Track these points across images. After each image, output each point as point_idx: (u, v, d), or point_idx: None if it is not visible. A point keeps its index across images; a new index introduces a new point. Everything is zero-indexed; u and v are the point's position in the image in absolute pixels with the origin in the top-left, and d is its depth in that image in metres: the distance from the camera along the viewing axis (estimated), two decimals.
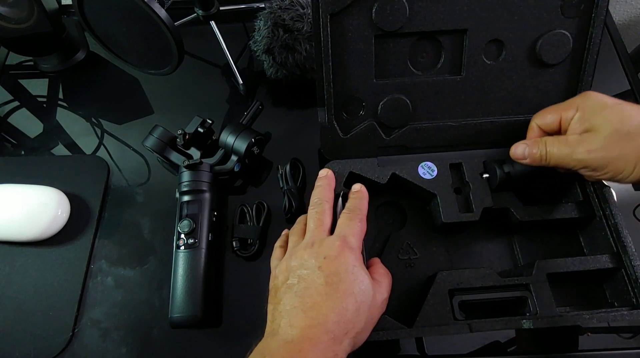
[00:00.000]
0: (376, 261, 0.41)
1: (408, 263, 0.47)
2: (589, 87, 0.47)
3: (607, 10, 0.44)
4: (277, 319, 0.33)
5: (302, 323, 0.32)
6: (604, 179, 0.38)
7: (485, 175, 0.45)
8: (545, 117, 0.41)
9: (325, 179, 0.43)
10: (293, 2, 0.54)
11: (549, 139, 0.40)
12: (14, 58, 0.67)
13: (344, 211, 0.40)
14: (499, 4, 0.43)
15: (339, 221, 0.39)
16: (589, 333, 0.44)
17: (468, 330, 0.39)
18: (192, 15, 0.63)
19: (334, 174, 0.45)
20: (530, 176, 0.43)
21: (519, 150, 0.42)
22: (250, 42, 0.59)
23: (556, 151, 0.39)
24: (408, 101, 0.47)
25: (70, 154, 0.59)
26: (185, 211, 0.48)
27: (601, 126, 0.36)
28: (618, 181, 0.37)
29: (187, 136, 0.52)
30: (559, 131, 0.41)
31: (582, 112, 0.38)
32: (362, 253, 0.38)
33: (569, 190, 0.49)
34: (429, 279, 0.44)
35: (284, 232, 0.44)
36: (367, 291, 0.34)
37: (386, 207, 0.50)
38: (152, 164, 0.57)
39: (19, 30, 0.57)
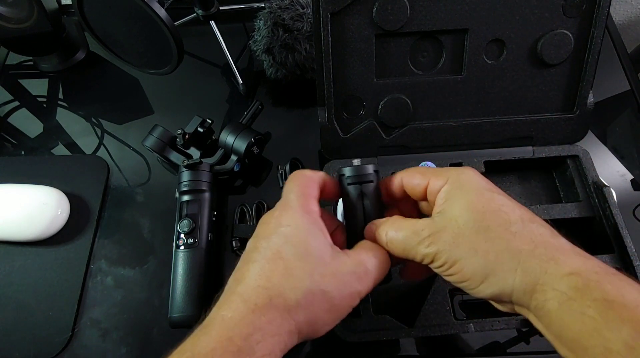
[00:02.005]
0: (369, 242, 0.33)
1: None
2: (590, 88, 0.47)
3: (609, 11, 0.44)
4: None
5: (225, 297, 0.27)
6: (450, 281, 0.28)
7: None
8: (413, 177, 0.32)
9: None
10: (293, 2, 0.54)
11: (394, 219, 0.31)
12: (14, 58, 0.67)
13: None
14: (500, 4, 0.43)
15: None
16: None
17: (468, 330, 0.39)
18: (192, 15, 0.63)
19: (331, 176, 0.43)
20: None
21: (367, 230, 0.32)
22: (250, 42, 0.59)
23: (399, 237, 0.29)
24: (408, 101, 0.47)
25: (70, 154, 0.59)
26: (185, 211, 0.48)
27: (459, 211, 0.28)
28: (464, 289, 0.28)
29: (186, 136, 0.52)
30: (424, 199, 0.32)
31: (449, 187, 0.29)
32: (310, 210, 0.30)
33: (569, 190, 0.49)
34: (429, 279, 0.44)
35: None
36: (305, 253, 0.28)
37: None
38: (152, 164, 0.57)
39: (19, 30, 0.57)
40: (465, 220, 0.27)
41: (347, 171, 0.33)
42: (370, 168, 0.33)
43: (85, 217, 0.52)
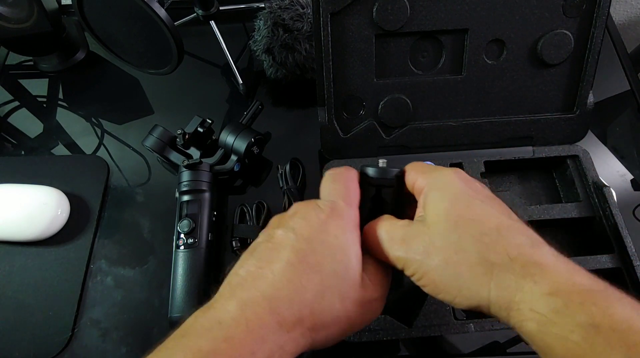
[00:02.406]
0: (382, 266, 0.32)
1: None
2: (590, 88, 0.47)
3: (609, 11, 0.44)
4: (223, 287, 0.26)
5: (245, 295, 0.24)
6: (428, 293, 0.27)
7: None
8: (409, 173, 0.31)
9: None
10: (293, 1, 0.54)
11: (384, 221, 0.30)
12: (14, 58, 0.67)
13: (326, 174, 0.32)
14: (501, 4, 0.43)
15: (321, 186, 0.31)
16: None
17: (468, 330, 0.39)
18: (192, 15, 0.63)
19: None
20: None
21: (369, 226, 0.31)
22: (250, 42, 0.59)
23: (381, 236, 0.28)
24: (408, 101, 0.47)
25: (70, 154, 0.59)
26: (185, 211, 0.48)
27: (434, 219, 0.26)
28: (444, 301, 0.26)
29: (186, 136, 0.52)
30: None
31: (428, 189, 0.28)
32: (357, 225, 0.29)
33: (569, 190, 0.49)
34: None
35: None
36: (345, 274, 0.26)
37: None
38: (152, 164, 0.57)
39: (19, 30, 0.57)
40: (438, 230, 0.26)
41: (370, 172, 0.32)
42: (392, 172, 0.31)
43: (85, 217, 0.52)
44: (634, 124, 0.59)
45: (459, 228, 0.25)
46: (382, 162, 0.33)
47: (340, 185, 0.30)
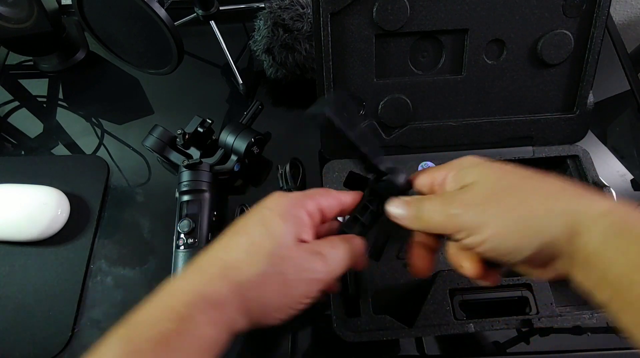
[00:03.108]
0: (340, 236, 0.32)
1: (408, 263, 0.46)
2: (590, 88, 0.47)
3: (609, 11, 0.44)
4: None
5: (183, 273, 0.28)
6: (489, 254, 0.27)
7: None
8: (419, 177, 0.32)
9: None
10: (293, 2, 0.54)
11: (424, 196, 0.31)
12: (14, 58, 0.67)
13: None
14: (501, 4, 0.43)
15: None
16: (589, 333, 0.44)
17: (468, 330, 0.39)
18: (192, 15, 0.63)
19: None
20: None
21: (393, 206, 0.32)
22: (250, 42, 0.59)
23: (429, 208, 0.29)
24: (408, 101, 0.47)
25: (70, 154, 0.59)
26: (185, 211, 0.48)
27: (481, 178, 0.28)
28: (506, 257, 0.26)
29: (186, 136, 0.52)
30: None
31: (456, 170, 0.30)
32: (307, 207, 0.30)
33: None
34: (429, 279, 0.44)
35: None
36: (272, 236, 0.28)
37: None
38: (152, 164, 0.57)
39: (19, 30, 0.57)
40: (492, 182, 0.27)
41: (380, 187, 0.32)
42: (401, 178, 0.32)
43: (85, 217, 0.52)
44: (634, 124, 0.59)
45: (507, 177, 0.27)
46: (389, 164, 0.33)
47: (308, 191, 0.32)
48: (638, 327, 0.22)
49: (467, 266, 0.29)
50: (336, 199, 0.32)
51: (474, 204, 0.27)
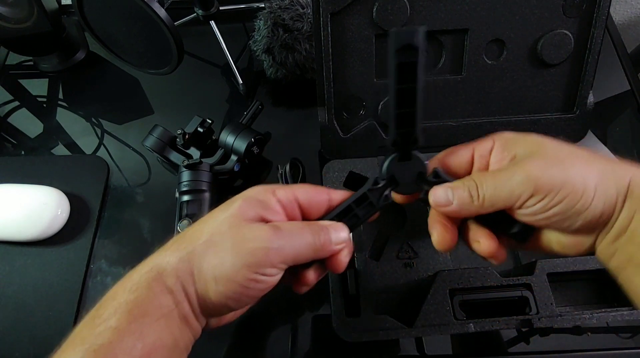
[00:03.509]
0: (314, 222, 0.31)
1: (408, 263, 0.47)
2: (590, 88, 0.47)
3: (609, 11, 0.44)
4: None
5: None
6: (553, 216, 0.27)
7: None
8: (455, 153, 0.31)
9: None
10: (293, 2, 0.54)
11: (475, 173, 0.30)
12: (14, 58, 0.67)
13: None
14: (501, 4, 0.43)
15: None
16: (589, 333, 0.44)
17: (468, 330, 0.39)
18: (192, 15, 0.63)
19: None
20: None
21: (439, 194, 0.30)
22: (250, 42, 0.59)
23: (490, 182, 0.28)
24: None
25: (70, 154, 0.59)
26: (185, 211, 0.48)
27: (535, 148, 0.28)
28: (572, 216, 0.26)
29: (186, 136, 0.52)
30: (468, 173, 0.31)
31: (500, 142, 0.29)
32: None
33: None
34: (429, 279, 0.44)
35: None
36: (226, 211, 0.29)
37: (386, 207, 0.50)
38: (152, 164, 0.57)
39: (19, 30, 0.57)
40: (550, 150, 0.27)
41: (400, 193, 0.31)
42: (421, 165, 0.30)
43: (85, 217, 0.52)
44: (634, 124, 0.59)
45: (564, 148, 0.28)
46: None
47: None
48: None
49: (485, 243, 0.30)
50: (322, 194, 0.31)
51: (546, 166, 0.27)
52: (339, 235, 0.30)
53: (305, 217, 0.31)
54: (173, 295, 0.27)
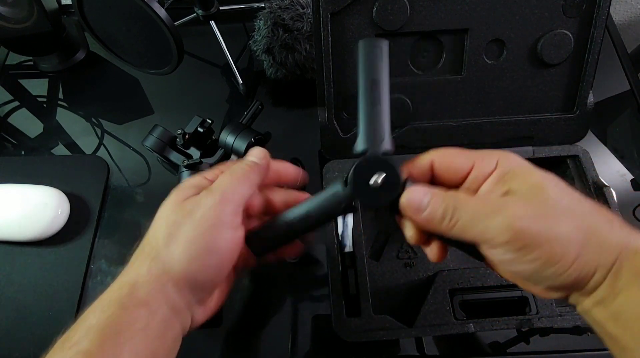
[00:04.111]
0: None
1: (408, 263, 0.47)
2: (590, 88, 0.47)
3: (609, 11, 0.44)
4: None
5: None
6: (522, 273, 0.25)
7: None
8: (452, 159, 0.28)
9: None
10: (293, 2, 0.54)
11: (460, 193, 0.27)
12: (14, 58, 0.67)
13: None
14: (501, 4, 0.43)
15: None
16: (589, 333, 0.44)
17: (468, 330, 0.39)
18: (192, 15, 0.63)
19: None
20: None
21: (416, 195, 0.27)
22: (250, 42, 0.59)
23: (469, 211, 0.25)
24: (408, 101, 0.47)
25: (70, 154, 0.59)
26: None
27: (532, 190, 0.25)
28: (542, 279, 0.25)
29: (186, 136, 0.52)
30: (457, 186, 0.28)
31: (502, 169, 0.26)
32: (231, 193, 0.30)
33: None
34: (429, 279, 0.44)
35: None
36: (163, 205, 0.31)
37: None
38: (152, 164, 0.57)
39: (19, 30, 0.57)
40: (546, 198, 0.24)
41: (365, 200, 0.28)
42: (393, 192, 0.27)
43: (85, 217, 0.52)
44: (634, 124, 0.59)
45: (564, 196, 0.25)
46: (377, 176, 0.27)
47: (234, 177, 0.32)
48: None
49: (435, 251, 0.29)
50: (262, 168, 0.33)
51: (531, 217, 0.24)
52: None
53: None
54: (148, 306, 0.27)
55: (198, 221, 0.28)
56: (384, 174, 0.27)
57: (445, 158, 0.28)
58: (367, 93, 0.26)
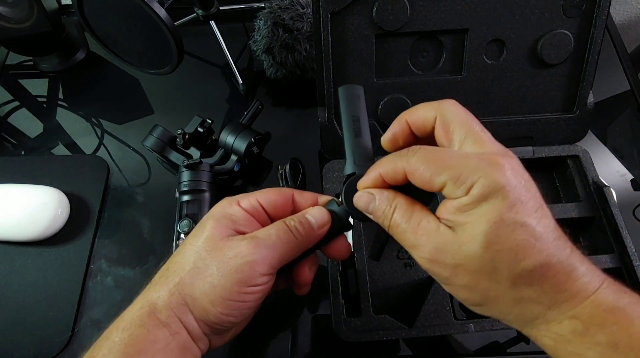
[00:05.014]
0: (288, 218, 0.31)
1: (408, 263, 0.47)
2: (590, 88, 0.47)
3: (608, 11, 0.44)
4: None
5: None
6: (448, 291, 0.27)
7: None
8: (417, 112, 0.28)
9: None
10: (293, 2, 0.54)
11: (401, 205, 0.27)
12: (14, 58, 0.67)
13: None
14: (501, 4, 0.43)
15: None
16: None
17: (468, 330, 0.39)
18: (192, 15, 0.63)
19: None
20: None
21: (362, 202, 0.28)
22: (250, 42, 0.59)
23: (401, 227, 0.26)
24: (408, 101, 0.47)
25: (70, 154, 0.59)
26: (185, 211, 0.48)
27: (470, 238, 0.23)
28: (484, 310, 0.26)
29: (186, 136, 0.52)
30: (431, 136, 0.28)
31: (470, 199, 0.23)
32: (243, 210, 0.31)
33: (569, 190, 0.49)
34: (429, 279, 0.44)
35: None
36: (201, 235, 0.29)
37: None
38: (152, 164, 0.57)
39: (19, 30, 0.57)
40: (473, 253, 0.23)
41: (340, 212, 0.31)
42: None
43: (85, 217, 0.52)
44: (634, 124, 0.59)
45: (497, 258, 0.23)
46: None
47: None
48: None
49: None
50: (284, 194, 0.32)
51: (448, 268, 0.24)
52: (317, 216, 0.30)
53: (273, 220, 0.31)
54: (169, 328, 0.27)
55: (229, 270, 0.27)
56: None
57: (413, 114, 0.29)
58: (350, 127, 0.31)
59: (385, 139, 0.30)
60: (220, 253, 0.28)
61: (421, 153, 0.25)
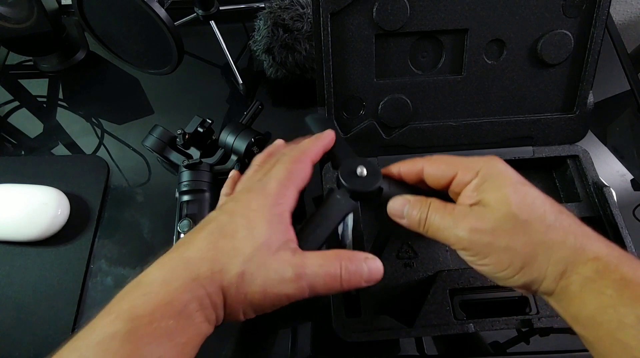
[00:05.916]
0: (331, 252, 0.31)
1: (408, 263, 0.47)
2: (590, 88, 0.47)
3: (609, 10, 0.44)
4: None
5: (166, 259, 0.28)
6: (482, 272, 0.30)
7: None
8: (438, 166, 0.32)
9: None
10: (293, 2, 0.54)
11: (435, 203, 0.31)
12: (14, 58, 0.67)
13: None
14: (500, 4, 0.43)
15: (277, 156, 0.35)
16: None
17: (468, 330, 0.39)
18: (192, 15, 0.63)
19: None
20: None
21: (397, 205, 0.33)
22: (250, 42, 0.59)
23: (437, 219, 0.30)
24: (408, 101, 0.47)
25: (70, 154, 0.59)
26: (185, 211, 0.48)
27: (497, 204, 0.28)
28: (496, 279, 0.29)
29: (186, 136, 0.52)
30: (445, 189, 0.32)
31: (480, 180, 0.30)
32: (283, 202, 0.30)
33: (569, 190, 0.49)
34: (429, 279, 0.44)
35: (231, 174, 0.40)
36: (255, 241, 0.28)
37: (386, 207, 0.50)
38: (151, 164, 0.57)
39: (19, 30, 0.57)
40: (504, 213, 0.28)
41: (347, 183, 0.33)
42: (374, 183, 0.33)
43: (85, 217, 0.52)
44: (634, 124, 0.59)
45: (524, 212, 0.28)
46: (360, 168, 0.33)
47: (283, 168, 0.32)
48: None
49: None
50: (308, 162, 0.33)
51: (483, 231, 0.28)
52: (373, 267, 0.32)
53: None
54: (210, 323, 0.28)
55: (272, 297, 0.28)
56: (365, 167, 0.33)
57: (432, 167, 0.32)
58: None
59: (389, 171, 0.35)
60: (269, 271, 0.28)
61: (436, 156, 0.33)
